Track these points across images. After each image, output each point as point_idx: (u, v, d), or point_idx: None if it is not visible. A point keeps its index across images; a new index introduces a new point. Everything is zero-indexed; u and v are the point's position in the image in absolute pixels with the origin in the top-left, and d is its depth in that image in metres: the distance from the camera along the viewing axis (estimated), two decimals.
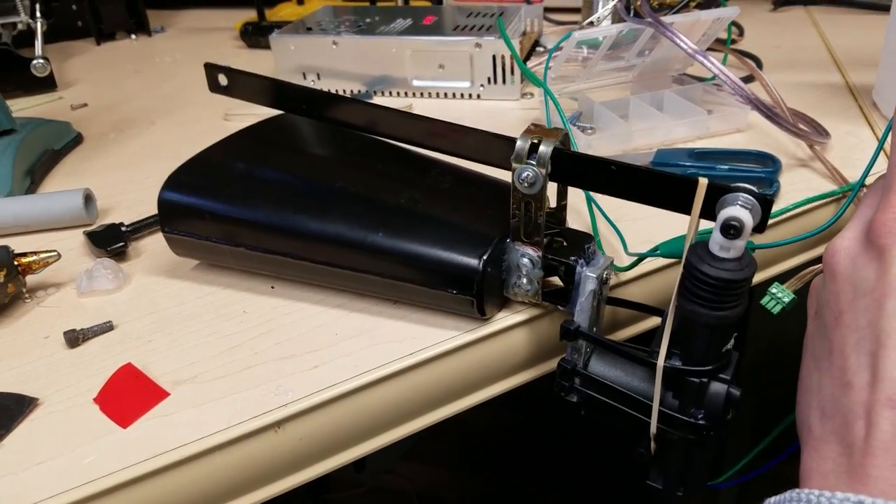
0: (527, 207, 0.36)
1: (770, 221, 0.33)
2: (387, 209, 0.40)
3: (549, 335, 0.40)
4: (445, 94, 0.72)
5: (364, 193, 0.41)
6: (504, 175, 0.37)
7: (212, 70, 0.49)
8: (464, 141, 0.40)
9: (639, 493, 0.39)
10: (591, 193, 0.44)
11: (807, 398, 0.32)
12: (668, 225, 0.43)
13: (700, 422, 0.35)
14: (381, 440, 0.37)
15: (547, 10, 0.93)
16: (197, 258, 0.46)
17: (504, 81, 0.70)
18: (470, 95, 0.71)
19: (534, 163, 0.35)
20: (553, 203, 0.40)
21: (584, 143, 0.56)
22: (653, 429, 0.36)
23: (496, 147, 0.38)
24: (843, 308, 0.30)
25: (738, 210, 0.30)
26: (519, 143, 0.35)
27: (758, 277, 0.46)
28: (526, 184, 0.35)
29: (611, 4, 0.54)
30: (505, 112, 0.68)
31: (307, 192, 0.42)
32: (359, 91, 0.73)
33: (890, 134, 0.31)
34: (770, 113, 0.47)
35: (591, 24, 0.55)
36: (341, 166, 0.45)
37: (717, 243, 0.31)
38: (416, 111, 0.70)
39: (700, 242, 0.32)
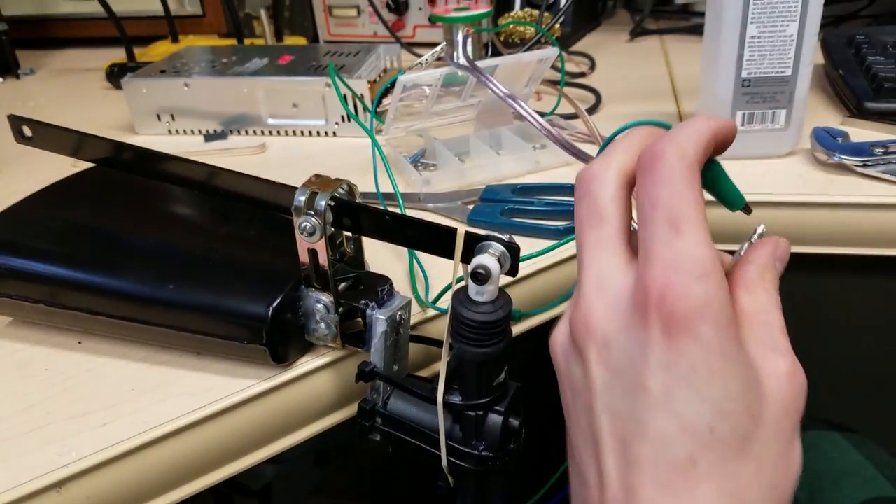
0: (312, 255, 0.37)
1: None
2: (180, 259, 0.41)
3: (353, 377, 0.41)
4: (301, 132, 0.73)
5: (161, 244, 0.42)
6: None
7: (15, 121, 0.48)
8: (252, 190, 0.41)
9: None
10: None
11: (570, 487, 0.32)
12: None
13: (483, 453, 0.36)
14: (176, 494, 0.38)
15: (414, 45, 0.95)
16: (7, 315, 0.46)
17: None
18: (326, 133, 0.72)
19: (313, 213, 0.36)
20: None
21: (423, 180, 0.58)
22: (444, 462, 0.37)
23: (284, 196, 0.39)
24: (569, 406, 0.30)
25: (486, 258, 0.32)
26: (297, 195, 0.36)
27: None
28: (306, 234, 0.37)
29: (437, 49, 0.56)
30: (360, 149, 0.69)
31: (104, 245, 0.42)
32: (214, 130, 0.73)
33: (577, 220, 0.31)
34: (574, 150, 0.49)
35: (420, 65, 0.57)
36: (146, 217, 0.46)
37: (472, 288, 0.33)
38: (270, 150, 0.71)
39: (462, 287, 0.34)
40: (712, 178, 0.32)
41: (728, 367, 0.26)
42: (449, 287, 0.44)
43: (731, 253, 0.32)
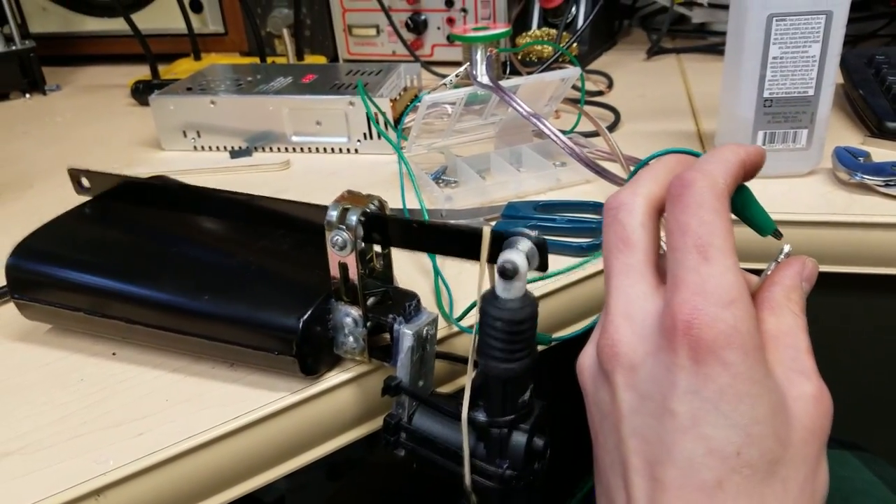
0: (343, 270, 0.38)
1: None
2: (216, 272, 0.42)
3: (379, 391, 0.42)
4: (324, 149, 0.74)
5: (198, 256, 0.43)
6: None
7: (75, 174, 0.50)
8: (286, 212, 0.42)
9: None
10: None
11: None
12: None
13: (506, 472, 0.37)
14: (211, 503, 0.38)
15: (432, 63, 0.96)
16: (47, 322, 0.47)
17: (380, 137, 0.72)
18: (348, 150, 0.73)
19: (344, 228, 0.37)
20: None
21: (445, 197, 0.59)
22: (467, 480, 0.37)
23: (316, 215, 0.40)
24: (596, 429, 0.31)
25: (514, 253, 0.32)
26: (330, 210, 0.37)
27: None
28: (338, 248, 0.37)
29: (461, 69, 0.57)
30: (381, 166, 0.70)
31: (142, 257, 0.43)
32: (239, 147, 0.74)
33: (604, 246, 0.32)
34: (597, 168, 0.50)
35: (444, 85, 0.58)
36: (183, 231, 0.47)
37: (499, 285, 0.33)
38: (293, 166, 0.72)
39: (490, 288, 0.34)
40: (742, 204, 0.33)
41: (755, 392, 0.26)
42: (473, 305, 0.45)
43: (758, 272, 0.33)
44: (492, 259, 0.34)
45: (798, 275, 0.31)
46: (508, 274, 0.32)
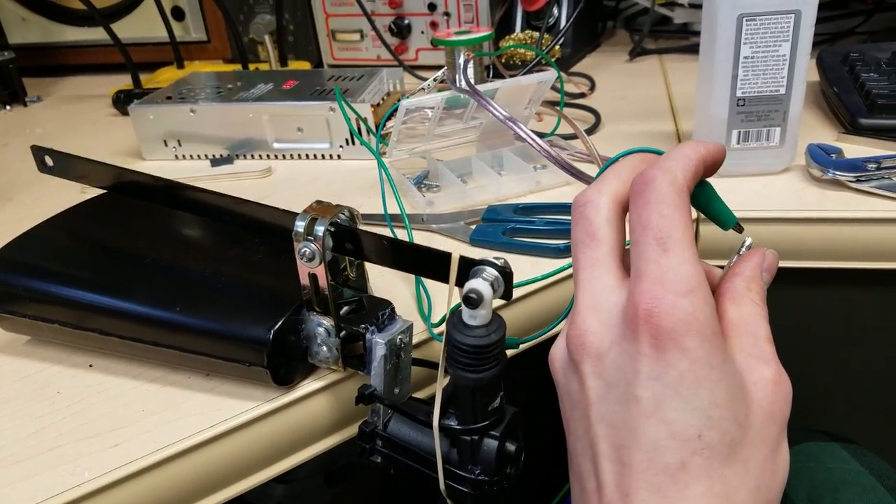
0: (313, 280, 0.38)
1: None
2: (188, 282, 0.42)
3: (354, 399, 0.42)
4: (307, 156, 0.74)
5: (170, 267, 0.43)
6: None
7: (38, 151, 0.50)
8: (258, 215, 0.42)
9: None
10: None
11: (571, 495, 0.34)
12: None
13: (479, 477, 0.37)
14: None
15: (417, 68, 0.96)
16: (25, 334, 0.47)
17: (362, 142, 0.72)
18: (330, 156, 0.74)
19: (312, 239, 0.37)
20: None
21: (426, 201, 0.59)
22: (441, 486, 0.38)
23: (288, 221, 0.40)
24: (567, 417, 0.32)
25: (479, 283, 0.33)
26: (297, 221, 0.37)
27: None
28: (306, 260, 0.38)
29: (439, 73, 0.58)
30: (364, 171, 0.70)
31: (116, 268, 0.44)
32: (220, 155, 0.74)
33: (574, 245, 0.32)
34: (573, 171, 0.50)
35: (423, 90, 0.58)
36: (160, 240, 0.47)
37: (465, 312, 0.34)
38: (275, 173, 0.72)
39: (456, 312, 0.35)
40: (705, 200, 0.33)
41: (714, 377, 0.27)
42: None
43: (722, 268, 0.33)
44: (460, 283, 0.34)
45: (758, 266, 0.32)
46: (473, 303, 0.33)
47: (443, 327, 0.45)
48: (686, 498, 0.27)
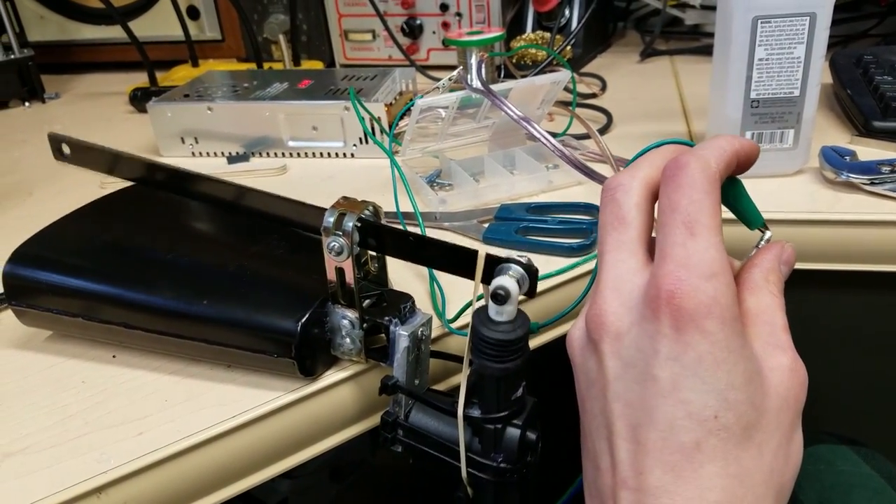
0: (339, 274, 0.39)
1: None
2: (213, 276, 0.42)
3: (376, 390, 0.43)
4: (321, 154, 0.75)
5: (194, 262, 0.44)
6: None
7: (55, 139, 0.50)
8: (282, 210, 0.43)
9: None
10: None
11: (584, 476, 0.34)
12: None
13: (501, 465, 0.38)
14: (210, 499, 0.39)
15: (428, 68, 0.97)
16: (47, 329, 0.48)
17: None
18: (344, 154, 0.74)
19: (340, 234, 0.38)
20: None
21: (439, 200, 0.60)
22: (463, 473, 0.39)
23: (312, 216, 0.41)
24: (583, 396, 0.32)
25: (506, 280, 0.34)
26: (326, 216, 0.38)
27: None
28: (334, 254, 0.38)
29: (453, 73, 0.58)
30: (378, 170, 0.71)
31: (140, 262, 0.44)
32: (237, 153, 0.75)
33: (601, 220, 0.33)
34: (586, 170, 0.51)
35: (437, 89, 0.59)
36: (181, 236, 0.48)
37: (492, 308, 0.34)
38: (290, 171, 0.73)
39: (483, 307, 0.36)
40: (734, 196, 0.34)
41: (732, 360, 0.28)
42: (468, 306, 0.46)
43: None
44: (484, 279, 0.35)
45: (777, 258, 0.33)
46: (501, 300, 0.34)
47: (458, 322, 0.45)
48: (700, 477, 0.27)
